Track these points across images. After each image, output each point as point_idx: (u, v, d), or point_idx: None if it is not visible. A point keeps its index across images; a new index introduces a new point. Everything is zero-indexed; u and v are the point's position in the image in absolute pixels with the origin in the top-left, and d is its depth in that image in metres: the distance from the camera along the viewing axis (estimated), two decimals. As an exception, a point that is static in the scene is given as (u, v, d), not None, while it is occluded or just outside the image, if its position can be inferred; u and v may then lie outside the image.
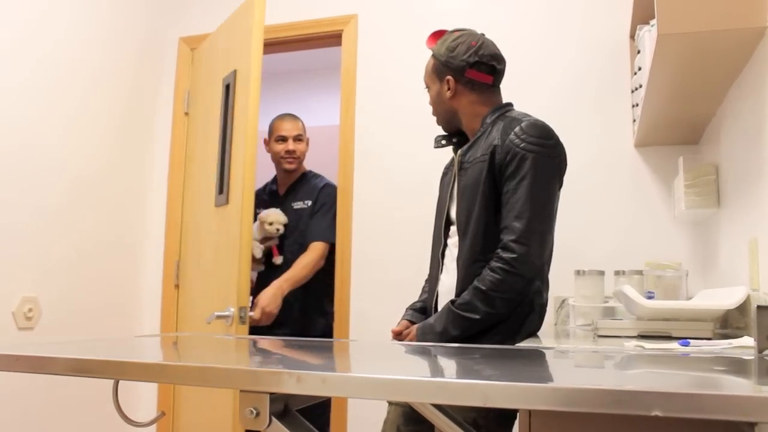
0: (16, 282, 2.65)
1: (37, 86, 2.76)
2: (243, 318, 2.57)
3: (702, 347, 1.42)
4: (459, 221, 1.92)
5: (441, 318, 1.81)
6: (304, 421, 0.98)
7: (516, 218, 1.76)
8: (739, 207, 2.00)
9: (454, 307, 1.79)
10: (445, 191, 2.07)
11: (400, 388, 0.85)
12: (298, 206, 3.16)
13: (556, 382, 0.80)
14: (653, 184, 2.78)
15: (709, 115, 2.35)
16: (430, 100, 2.07)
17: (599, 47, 2.92)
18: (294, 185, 3.24)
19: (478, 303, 1.76)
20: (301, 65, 6.07)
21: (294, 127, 3.19)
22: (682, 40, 1.68)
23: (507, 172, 1.80)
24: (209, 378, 0.96)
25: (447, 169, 2.15)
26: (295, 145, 3.17)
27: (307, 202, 3.16)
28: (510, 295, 1.77)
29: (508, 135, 1.82)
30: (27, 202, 2.70)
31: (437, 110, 2.06)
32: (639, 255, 2.69)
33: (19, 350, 1.11)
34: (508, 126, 1.85)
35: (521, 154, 1.79)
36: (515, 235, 1.75)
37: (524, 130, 1.81)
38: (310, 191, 3.19)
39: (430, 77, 2.06)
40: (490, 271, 1.76)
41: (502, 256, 1.75)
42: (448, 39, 2.01)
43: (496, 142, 1.84)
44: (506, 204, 1.79)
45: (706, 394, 0.73)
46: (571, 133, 2.89)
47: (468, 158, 1.93)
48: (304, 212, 3.14)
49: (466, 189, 1.90)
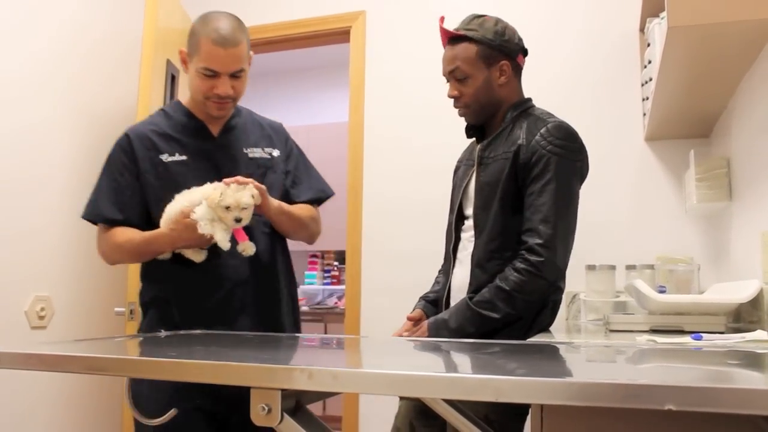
0: (28, 281, 2.66)
1: (48, 85, 2.78)
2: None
3: (715, 341, 1.41)
4: (476, 217, 1.88)
5: (457, 314, 1.78)
6: (316, 417, 0.98)
7: (542, 222, 1.73)
8: (751, 200, 1.99)
9: (473, 305, 1.76)
10: (460, 185, 2.02)
11: (411, 383, 0.84)
12: (257, 155, 2.04)
13: (568, 377, 0.79)
14: (664, 177, 2.76)
15: (720, 108, 2.34)
16: (471, 90, 1.90)
17: (609, 41, 2.90)
18: (232, 122, 2.05)
19: (499, 302, 1.73)
20: (309, 62, 6.08)
21: (234, 55, 1.88)
22: (693, 32, 1.67)
23: (532, 173, 1.77)
24: (222, 375, 0.96)
25: (461, 162, 2.10)
26: (233, 84, 1.91)
27: (270, 150, 2.07)
28: (533, 297, 1.75)
29: (534, 136, 1.79)
30: (39, 202, 2.72)
31: (481, 100, 1.91)
32: (650, 249, 2.68)
33: (32, 349, 1.12)
34: (533, 126, 1.82)
35: (547, 157, 1.76)
36: (542, 239, 1.72)
37: (551, 132, 1.78)
38: (267, 135, 2.10)
39: (472, 65, 1.88)
40: (515, 271, 1.73)
41: (529, 259, 1.72)
42: (487, 23, 1.91)
43: (521, 141, 1.80)
44: (531, 206, 1.76)
45: (721, 387, 0.72)
46: (581, 128, 2.84)
47: (489, 153, 1.89)
48: (270, 165, 2.04)
49: (485, 185, 1.86)
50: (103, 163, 1.96)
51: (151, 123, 1.99)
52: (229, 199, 1.74)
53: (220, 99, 1.91)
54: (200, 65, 1.88)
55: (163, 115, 2.02)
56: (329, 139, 5.83)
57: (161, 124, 1.98)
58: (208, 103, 1.93)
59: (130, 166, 1.92)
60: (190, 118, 2.00)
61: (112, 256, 1.94)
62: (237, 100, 1.98)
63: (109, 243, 1.90)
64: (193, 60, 1.91)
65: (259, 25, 3.45)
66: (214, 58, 1.86)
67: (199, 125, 1.99)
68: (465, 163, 2.05)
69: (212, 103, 1.92)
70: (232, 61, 1.88)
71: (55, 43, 2.83)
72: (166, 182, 1.89)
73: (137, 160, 1.91)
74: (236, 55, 1.88)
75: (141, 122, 2.02)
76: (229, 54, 1.86)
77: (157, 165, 1.91)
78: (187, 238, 1.81)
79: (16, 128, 2.63)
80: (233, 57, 1.88)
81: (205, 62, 1.87)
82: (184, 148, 1.94)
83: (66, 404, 2.80)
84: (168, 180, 1.90)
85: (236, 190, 1.75)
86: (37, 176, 2.72)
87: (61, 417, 2.78)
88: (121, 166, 1.92)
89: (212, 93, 1.89)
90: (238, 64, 1.89)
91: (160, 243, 1.86)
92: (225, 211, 1.75)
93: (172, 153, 1.93)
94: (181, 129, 1.98)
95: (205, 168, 1.93)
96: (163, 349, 1.26)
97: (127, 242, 1.89)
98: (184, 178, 1.90)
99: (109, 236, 1.91)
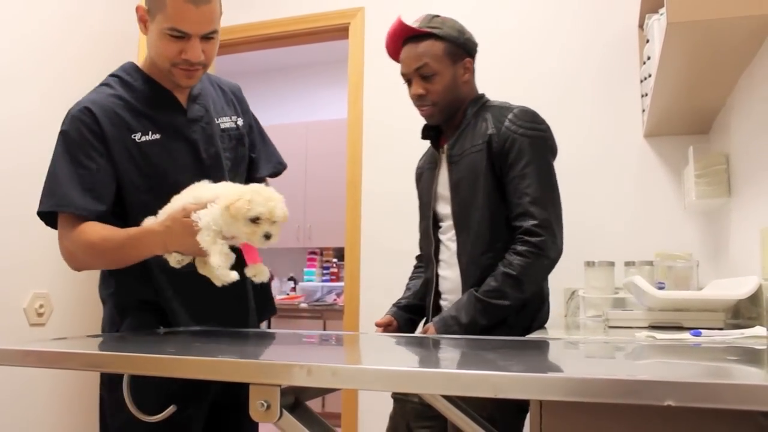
0: (27, 278, 2.66)
1: (46, 80, 2.77)
2: None
3: (714, 337, 1.42)
4: (456, 215, 1.87)
5: (467, 308, 1.74)
6: (315, 413, 0.98)
7: (532, 203, 1.75)
8: (750, 196, 1.99)
9: (482, 296, 1.73)
10: (428, 190, 1.99)
11: (410, 379, 0.85)
12: (227, 125, 1.81)
13: (567, 373, 0.79)
14: (663, 174, 2.76)
15: (719, 104, 2.33)
16: (439, 87, 1.87)
17: (608, 37, 2.90)
18: (196, 89, 1.77)
19: (508, 289, 1.72)
20: (307, 59, 6.08)
21: (206, 14, 1.60)
22: (692, 28, 1.67)
23: (509, 159, 1.78)
24: (221, 371, 0.96)
25: (422, 168, 2.07)
26: (204, 47, 1.63)
27: (236, 119, 1.83)
28: (539, 278, 1.78)
29: (503, 123, 1.81)
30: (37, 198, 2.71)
31: (447, 98, 1.89)
32: (649, 245, 2.68)
33: (30, 346, 1.12)
34: (499, 114, 1.84)
35: (520, 140, 1.78)
36: (537, 219, 1.74)
37: (518, 117, 1.81)
38: (231, 101, 1.87)
39: (440, 62, 1.87)
40: (518, 255, 1.73)
41: (530, 240, 1.73)
42: (448, 21, 1.92)
43: (490, 131, 1.81)
44: (515, 191, 1.77)
45: (720, 383, 0.72)
46: (580, 124, 2.88)
47: (457, 151, 1.88)
48: (239, 136, 1.82)
49: (461, 182, 1.86)
50: (59, 144, 1.61)
51: (113, 95, 1.65)
52: (261, 208, 1.36)
53: (190, 65, 1.62)
54: (166, 25, 1.57)
55: (122, 85, 1.68)
56: (328, 135, 5.83)
57: (125, 97, 1.65)
58: (175, 71, 1.63)
59: (99, 147, 1.59)
60: (155, 88, 1.69)
61: (83, 258, 1.58)
62: (208, 66, 1.68)
63: (79, 241, 1.56)
64: (156, 19, 1.59)
65: (259, 22, 3.44)
66: (183, 16, 1.56)
67: (168, 96, 1.70)
68: (428, 167, 2.03)
69: (180, 70, 1.63)
70: (205, 20, 1.59)
71: (48, 36, 2.81)
72: (142, 167, 1.61)
73: (107, 139, 1.59)
74: (209, 13, 1.60)
75: (97, 93, 1.66)
76: (201, 12, 1.58)
77: (130, 147, 1.61)
78: (182, 242, 1.44)
79: (9, 123, 2.62)
80: (206, 15, 1.59)
81: (172, 21, 1.57)
82: (156, 126, 1.65)
83: (63, 401, 2.80)
84: (144, 165, 1.61)
85: (268, 198, 1.38)
86: (34, 171, 2.71)
87: (56, 414, 2.78)
88: (88, 147, 1.58)
89: (180, 59, 1.61)
90: (211, 24, 1.61)
91: (147, 243, 1.50)
92: (250, 224, 1.36)
93: (146, 132, 1.64)
94: (147, 102, 1.67)
95: (182, 148, 1.67)
96: (162, 346, 1.26)
97: (104, 241, 1.53)
98: (159, 160, 1.63)
99: (78, 233, 1.56)
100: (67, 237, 1.59)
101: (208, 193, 1.45)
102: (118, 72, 1.72)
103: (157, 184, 1.60)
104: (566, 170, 2.85)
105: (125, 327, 1.63)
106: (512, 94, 2.93)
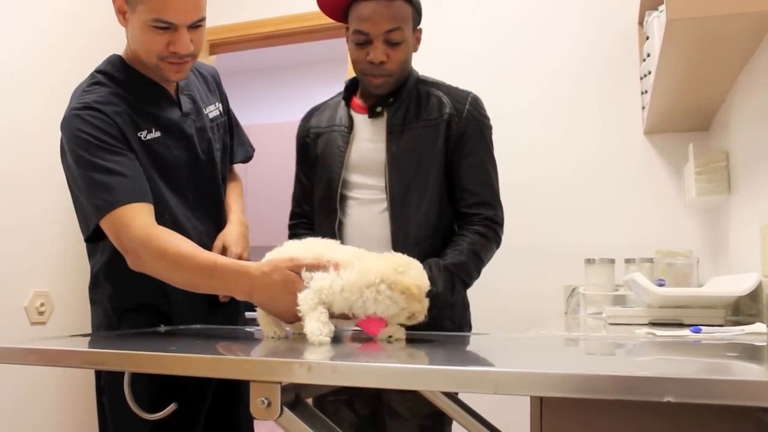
0: (28, 277, 2.66)
1: (43, 80, 2.77)
2: None
3: (714, 334, 1.42)
4: (391, 190, 1.69)
5: (439, 274, 1.60)
6: (316, 411, 0.98)
7: (492, 196, 1.73)
8: (750, 193, 1.99)
9: (451, 268, 1.62)
10: (338, 154, 1.76)
11: (410, 376, 0.85)
12: (213, 114, 1.76)
13: (567, 370, 0.79)
14: (663, 171, 2.76)
15: (719, 101, 2.33)
16: (402, 57, 1.70)
17: (608, 34, 2.90)
18: (181, 83, 1.70)
19: (473, 268, 1.67)
20: (306, 57, 6.07)
21: (192, 2, 1.51)
22: (692, 25, 1.67)
23: (467, 145, 1.72)
24: (221, 368, 0.96)
25: (320, 129, 1.83)
26: (192, 36, 1.53)
27: (218, 105, 1.79)
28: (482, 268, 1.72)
29: (464, 106, 1.74)
30: (38, 197, 2.71)
31: (403, 70, 1.73)
32: (649, 243, 2.68)
33: (32, 344, 1.12)
34: (456, 95, 1.76)
35: (481, 128, 1.75)
36: (497, 212, 1.73)
37: (478, 104, 1.77)
38: (210, 87, 1.81)
39: (407, 29, 1.69)
40: (482, 237, 1.68)
41: (493, 227, 1.70)
42: None
43: (449, 110, 1.72)
44: (474, 177, 1.72)
45: (720, 379, 0.72)
46: (580, 121, 2.87)
47: (398, 121, 1.72)
48: (222, 127, 1.79)
49: (402, 155, 1.70)
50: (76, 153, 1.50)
51: (113, 93, 1.55)
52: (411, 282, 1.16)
53: (180, 59, 1.53)
54: (149, 16, 1.47)
55: (114, 82, 1.58)
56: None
57: (123, 95, 1.56)
58: (164, 65, 1.54)
59: (119, 145, 1.49)
60: (148, 84, 1.61)
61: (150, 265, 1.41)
62: (197, 57, 1.59)
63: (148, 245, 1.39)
64: (138, 9, 1.48)
65: (257, 20, 3.44)
66: (168, 5, 1.45)
67: (161, 92, 1.62)
68: (336, 131, 1.79)
69: (168, 64, 1.53)
70: (192, 7, 1.49)
71: (51, 37, 2.82)
72: (146, 167, 1.53)
73: (126, 138, 1.51)
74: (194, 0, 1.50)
75: (94, 91, 1.55)
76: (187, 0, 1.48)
77: (138, 146, 1.53)
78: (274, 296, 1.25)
79: (11, 122, 2.62)
80: (191, 2, 1.49)
81: (156, 12, 1.46)
82: (157, 123, 1.58)
83: (63, 400, 2.81)
84: (149, 164, 1.54)
85: (419, 269, 1.21)
86: (36, 171, 2.71)
87: (57, 412, 2.78)
88: (110, 146, 1.47)
89: (168, 51, 1.51)
90: (198, 12, 1.51)
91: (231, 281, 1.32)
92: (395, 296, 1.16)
93: (150, 130, 1.56)
94: (144, 99, 1.58)
95: (180, 145, 1.61)
96: (163, 344, 1.26)
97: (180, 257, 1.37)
98: (161, 158, 1.57)
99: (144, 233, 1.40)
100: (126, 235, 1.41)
101: (330, 253, 1.25)
102: (106, 68, 1.61)
103: (157, 181, 1.54)
104: (566, 167, 2.86)
105: (123, 329, 1.58)
106: (512, 91, 2.95)
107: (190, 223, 1.60)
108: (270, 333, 1.29)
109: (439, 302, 1.49)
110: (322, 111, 1.88)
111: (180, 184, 1.57)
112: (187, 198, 1.61)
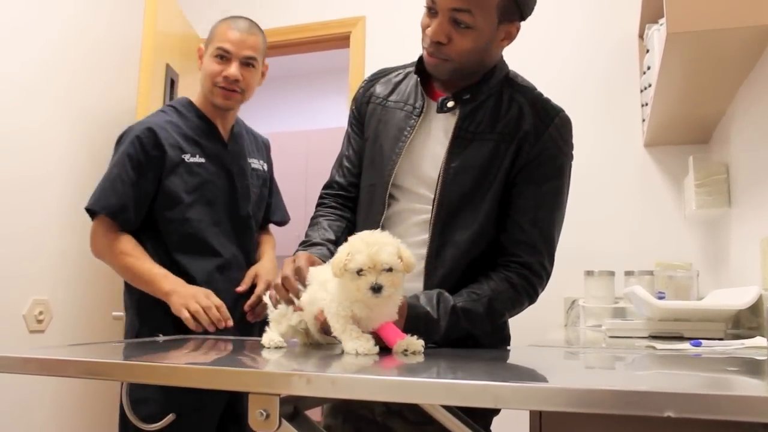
0: (26, 285, 2.66)
1: (45, 89, 2.77)
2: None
3: (714, 348, 1.41)
4: (439, 207, 1.41)
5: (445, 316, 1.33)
6: (315, 423, 0.98)
7: (545, 240, 1.42)
8: (750, 206, 1.99)
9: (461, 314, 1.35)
10: (393, 145, 1.48)
11: (410, 389, 0.84)
12: (256, 166, 2.10)
13: (567, 384, 0.79)
14: (663, 183, 2.76)
15: (719, 114, 2.34)
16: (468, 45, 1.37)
17: (608, 47, 2.91)
18: (236, 129, 2.08)
19: (485, 322, 1.38)
20: (309, 67, 6.09)
21: (248, 41, 1.94)
22: (692, 38, 1.67)
23: (537, 173, 1.41)
24: (219, 380, 0.95)
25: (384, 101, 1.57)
26: (243, 72, 1.93)
27: (263, 164, 2.14)
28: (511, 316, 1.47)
29: (546, 127, 1.43)
30: (38, 206, 2.71)
31: (468, 61, 1.40)
32: (649, 255, 2.68)
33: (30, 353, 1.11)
34: (542, 110, 1.47)
35: (561, 161, 1.45)
36: (540, 256, 1.41)
37: (566, 128, 1.48)
38: (260, 148, 2.18)
39: (485, 16, 1.36)
40: (513, 289, 1.39)
41: (529, 279, 1.40)
42: None
43: (526, 127, 1.42)
44: (526, 213, 1.41)
45: (720, 394, 0.72)
46: (580, 133, 2.84)
47: (468, 126, 1.43)
48: (264, 179, 2.14)
49: (462, 170, 1.41)
50: (119, 155, 1.89)
51: (168, 120, 1.94)
52: (360, 256, 1.12)
53: (228, 84, 1.91)
54: (213, 46, 1.92)
55: (176, 113, 1.98)
56: (329, 144, 5.78)
57: (179, 123, 1.95)
58: (216, 90, 1.93)
59: (150, 163, 1.86)
60: (202, 120, 1.98)
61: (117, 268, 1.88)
62: (245, 93, 1.97)
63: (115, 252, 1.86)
64: (208, 49, 1.95)
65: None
66: (226, 37, 1.92)
67: (212, 128, 1.99)
68: (402, 109, 1.52)
69: (219, 89, 1.92)
70: (245, 45, 1.93)
71: (55, 46, 2.83)
72: (189, 184, 1.88)
73: (164, 157, 1.87)
74: (250, 41, 1.94)
75: (155, 117, 1.96)
76: (243, 37, 1.93)
77: (180, 165, 1.88)
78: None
79: (14, 130, 2.62)
80: (247, 41, 1.93)
81: (219, 41, 1.92)
82: (202, 150, 1.94)
83: (63, 409, 2.79)
84: (189, 181, 1.89)
85: (371, 243, 1.13)
86: (36, 178, 2.71)
87: (57, 422, 2.77)
88: (143, 164, 1.86)
89: (221, 77, 1.91)
90: (250, 50, 1.93)
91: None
92: (356, 277, 1.12)
93: (194, 154, 1.92)
94: (196, 130, 1.96)
95: (219, 174, 1.95)
96: (161, 354, 1.26)
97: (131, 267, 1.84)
98: (202, 180, 1.90)
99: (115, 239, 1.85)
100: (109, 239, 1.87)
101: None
102: (174, 104, 2.04)
103: (197, 199, 1.88)
104: (566, 179, 2.86)
105: (144, 330, 1.85)
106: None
107: (217, 240, 1.91)
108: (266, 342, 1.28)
109: (433, 335, 1.31)
110: (388, 80, 1.63)
111: (217, 206, 1.92)
112: (220, 218, 1.94)
